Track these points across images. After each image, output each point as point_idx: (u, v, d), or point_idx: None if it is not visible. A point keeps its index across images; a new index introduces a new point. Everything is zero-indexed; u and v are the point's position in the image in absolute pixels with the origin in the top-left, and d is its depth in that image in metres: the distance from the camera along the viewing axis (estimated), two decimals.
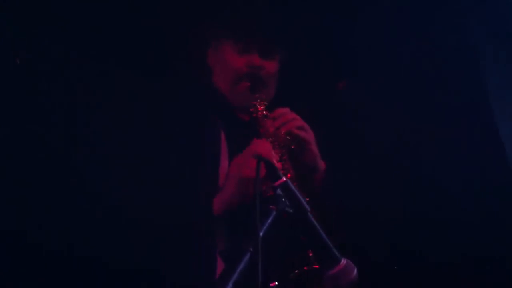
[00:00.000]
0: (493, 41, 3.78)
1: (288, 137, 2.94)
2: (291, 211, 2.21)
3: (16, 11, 3.56)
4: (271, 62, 3.13)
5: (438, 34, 3.76)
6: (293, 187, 2.25)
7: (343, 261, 2.24)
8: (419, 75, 3.74)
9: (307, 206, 2.25)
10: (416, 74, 3.74)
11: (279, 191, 2.22)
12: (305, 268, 2.61)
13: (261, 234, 2.06)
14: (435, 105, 3.71)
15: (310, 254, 2.61)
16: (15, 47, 3.57)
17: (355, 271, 2.24)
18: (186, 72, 3.45)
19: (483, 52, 3.80)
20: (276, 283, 2.16)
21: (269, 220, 2.13)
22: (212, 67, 3.24)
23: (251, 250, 2.03)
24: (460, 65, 3.77)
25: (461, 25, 3.79)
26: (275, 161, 2.80)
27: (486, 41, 3.79)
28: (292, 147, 2.94)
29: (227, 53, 3.14)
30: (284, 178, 2.25)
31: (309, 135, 2.98)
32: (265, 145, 2.86)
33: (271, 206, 2.19)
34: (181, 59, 3.57)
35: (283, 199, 2.21)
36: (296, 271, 2.62)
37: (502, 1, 3.76)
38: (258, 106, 3.03)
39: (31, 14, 3.57)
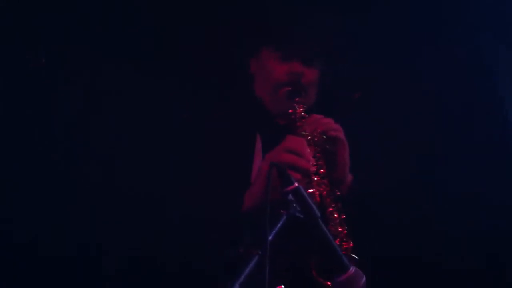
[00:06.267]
0: (504, 46, 3.80)
1: (324, 136, 2.96)
2: (301, 216, 2.21)
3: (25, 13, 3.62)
4: (311, 70, 3.16)
5: (450, 42, 3.78)
6: (304, 193, 2.25)
7: (352, 269, 2.25)
8: (433, 84, 3.76)
9: (317, 213, 2.25)
10: (430, 84, 3.76)
11: (290, 196, 2.23)
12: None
13: (269, 238, 2.08)
14: (449, 112, 3.73)
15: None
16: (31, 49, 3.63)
17: (364, 279, 2.25)
18: (229, 81, 3.52)
19: (496, 58, 3.81)
20: (283, 286, 2.16)
21: (279, 225, 2.14)
22: (254, 75, 3.28)
23: (259, 253, 2.05)
24: (473, 73, 3.78)
25: (472, 32, 3.81)
26: (308, 157, 2.82)
27: (498, 47, 3.81)
28: (327, 146, 2.95)
29: (268, 61, 3.18)
30: (296, 184, 2.25)
31: (343, 138, 2.99)
32: (299, 140, 2.87)
33: (281, 211, 2.20)
34: (225, 68, 3.65)
35: (294, 205, 2.22)
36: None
37: None
38: (297, 108, 3.06)
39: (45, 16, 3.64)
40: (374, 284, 2.52)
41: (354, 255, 2.70)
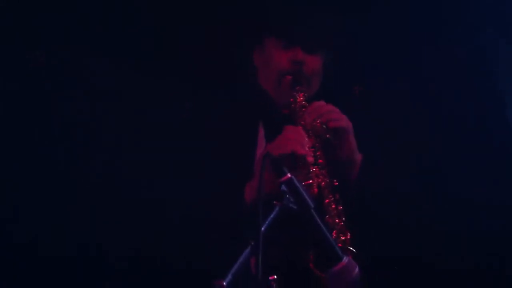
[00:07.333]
0: (505, 46, 3.80)
1: (323, 127, 2.95)
2: (295, 207, 2.21)
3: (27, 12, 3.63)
4: (313, 58, 3.15)
5: (450, 42, 3.79)
6: (298, 184, 2.25)
7: (345, 259, 2.26)
8: (433, 84, 3.76)
9: (311, 203, 2.25)
10: (430, 84, 3.76)
11: (283, 187, 2.23)
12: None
13: (262, 228, 2.08)
14: (449, 112, 3.73)
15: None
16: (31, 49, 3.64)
17: (357, 269, 2.26)
18: (229, 78, 3.53)
19: (496, 58, 3.81)
20: (275, 276, 2.16)
21: (272, 215, 2.14)
22: (258, 67, 3.28)
23: (252, 243, 2.05)
24: (473, 73, 3.78)
25: (472, 32, 3.81)
26: (307, 148, 2.84)
27: (498, 47, 3.80)
28: (327, 136, 2.95)
29: (271, 52, 3.18)
30: (289, 175, 2.25)
31: (346, 125, 2.99)
32: (297, 131, 2.90)
33: (274, 202, 2.21)
34: (225, 67, 3.66)
35: (287, 195, 2.22)
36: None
37: None
38: (297, 97, 3.06)
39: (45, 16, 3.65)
40: (374, 284, 2.53)
41: (351, 248, 2.69)
